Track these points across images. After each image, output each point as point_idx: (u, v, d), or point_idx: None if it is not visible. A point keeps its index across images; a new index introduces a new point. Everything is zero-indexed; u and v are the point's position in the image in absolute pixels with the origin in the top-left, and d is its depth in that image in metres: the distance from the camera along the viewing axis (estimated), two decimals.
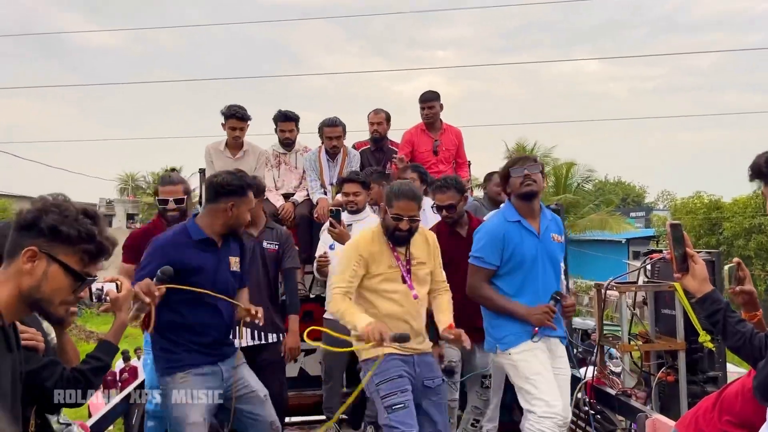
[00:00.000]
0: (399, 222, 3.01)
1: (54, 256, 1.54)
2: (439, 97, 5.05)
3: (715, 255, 3.80)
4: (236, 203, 2.89)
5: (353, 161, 4.86)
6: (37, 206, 1.56)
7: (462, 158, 5.17)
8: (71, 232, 1.55)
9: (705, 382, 3.74)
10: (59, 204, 1.57)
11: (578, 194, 24.06)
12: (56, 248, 1.54)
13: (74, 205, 1.60)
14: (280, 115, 4.98)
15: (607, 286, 3.79)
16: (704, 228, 22.13)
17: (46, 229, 1.53)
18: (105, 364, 1.98)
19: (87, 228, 1.57)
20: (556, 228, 3.31)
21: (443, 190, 3.64)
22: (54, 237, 1.54)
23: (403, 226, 3.01)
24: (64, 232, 1.54)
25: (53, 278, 1.53)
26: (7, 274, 1.53)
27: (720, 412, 2.18)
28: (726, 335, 1.98)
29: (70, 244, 1.55)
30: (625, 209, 32.87)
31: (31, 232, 1.53)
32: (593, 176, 25.26)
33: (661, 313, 3.97)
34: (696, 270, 2.03)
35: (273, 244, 3.71)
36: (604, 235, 24.39)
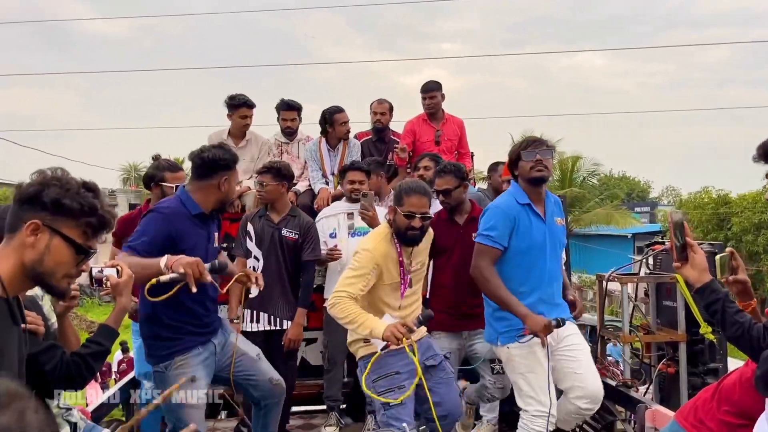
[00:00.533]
0: (411, 220, 2.95)
1: (57, 229, 1.54)
2: (441, 87, 5.06)
3: (717, 247, 3.82)
4: (228, 178, 2.86)
5: (354, 151, 4.87)
6: (39, 180, 1.56)
7: (464, 148, 5.17)
8: (74, 206, 1.55)
9: (705, 373, 3.78)
10: (60, 177, 1.57)
11: (584, 188, 24.03)
12: (59, 221, 1.55)
13: (75, 179, 1.60)
14: (283, 104, 4.99)
15: (608, 277, 3.81)
16: (712, 223, 22.00)
17: (48, 202, 1.53)
18: (105, 348, 2.00)
19: (89, 201, 1.58)
20: (558, 211, 3.30)
21: (441, 175, 3.63)
22: (57, 210, 1.54)
23: (416, 224, 2.95)
24: (66, 206, 1.54)
25: (56, 251, 1.54)
26: (9, 248, 1.53)
27: (719, 401, 2.20)
28: (724, 325, 1.99)
29: (72, 218, 1.56)
30: (630, 204, 32.80)
31: (33, 206, 1.54)
32: (598, 170, 25.20)
33: (663, 305, 4.00)
34: (695, 260, 2.04)
35: (293, 233, 3.75)
36: (609, 230, 24.35)
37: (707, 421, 2.21)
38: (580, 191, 23.58)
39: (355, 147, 4.92)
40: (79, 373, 1.91)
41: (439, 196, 3.68)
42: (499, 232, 3.00)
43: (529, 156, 3.03)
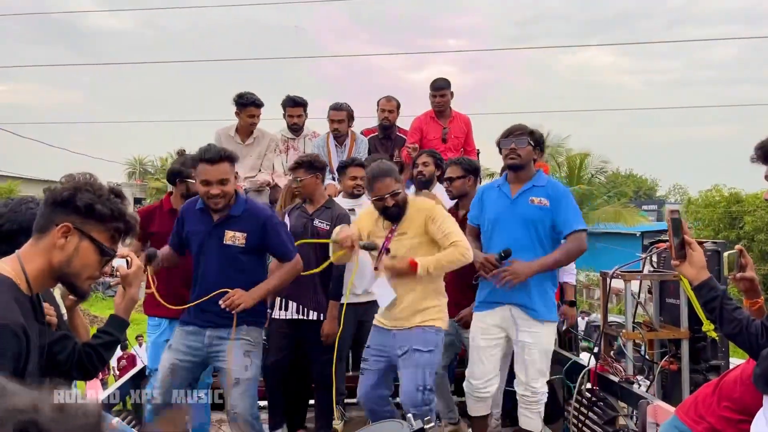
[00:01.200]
0: (383, 201, 3.22)
1: (87, 233, 1.62)
2: (450, 84, 5.13)
3: (720, 245, 3.88)
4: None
5: (361, 147, 4.95)
6: (71, 184, 1.64)
7: (470, 146, 5.24)
8: (105, 211, 1.63)
9: (707, 370, 3.83)
10: (92, 183, 1.66)
11: (591, 185, 23.99)
12: (89, 225, 1.63)
13: (104, 185, 1.69)
14: (289, 100, 5.07)
15: (612, 274, 3.88)
16: (724, 222, 21.82)
17: (82, 206, 1.61)
18: (116, 338, 2.06)
19: (118, 207, 1.67)
20: (543, 193, 3.37)
21: (452, 164, 4.00)
22: (88, 214, 1.62)
23: (389, 203, 3.22)
24: (98, 210, 1.62)
25: (84, 254, 1.63)
26: (38, 248, 1.61)
27: (719, 398, 2.25)
28: (722, 322, 2.03)
29: (102, 222, 1.64)
30: (637, 202, 32.75)
31: (65, 209, 1.61)
32: (606, 168, 25.13)
33: (666, 303, 4.06)
34: (693, 257, 2.08)
35: (325, 224, 3.81)
36: (617, 228, 24.31)
37: (707, 416, 2.26)
38: (588, 188, 23.53)
39: (363, 143, 5.00)
40: (90, 362, 1.96)
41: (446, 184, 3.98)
42: (472, 212, 3.59)
43: (504, 144, 3.39)
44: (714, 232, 21.04)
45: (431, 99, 5.13)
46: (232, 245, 3.18)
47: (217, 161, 3.08)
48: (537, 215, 3.34)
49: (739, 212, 21.61)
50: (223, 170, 3.10)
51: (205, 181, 3.10)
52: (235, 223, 3.20)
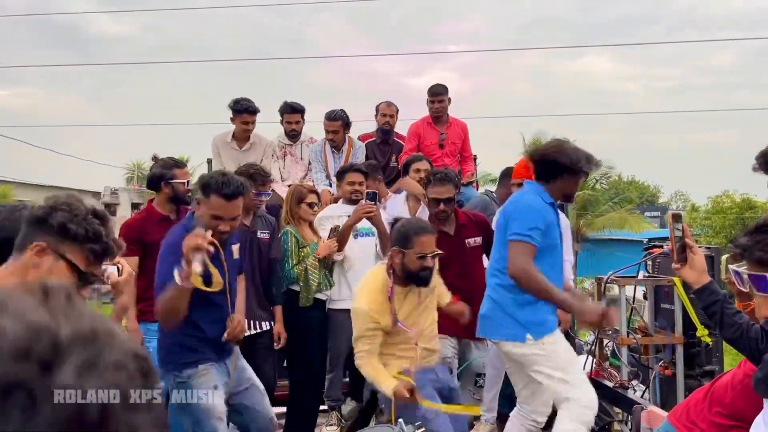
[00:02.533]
0: (424, 260, 2.94)
1: (61, 253, 1.61)
2: (448, 90, 5.22)
3: (714, 250, 3.97)
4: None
5: (359, 153, 5.04)
6: (49, 203, 1.64)
7: (467, 152, 5.33)
8: (79, 231, 1.62)
9: (702, 376, 3.91)
10: (70, 203, 1.65)
11: (596, 191, 24.02)
12: (64, 245, 1.62)
13: (84, 205, 1.67)
14: (286, 106, 5.16)
15: (607, 279, 3.98)
16: (737, 228, 21.63)
17: (55, 225, 1.60)
18: None
19: (94, 228, 1.65)
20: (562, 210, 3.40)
21: (443, 183, 3.61)
22: (62, 234, 1.61)
23: (429, 264, 2.96)
24: (72, 230, 1.61)
25: (60, 275, 1.61)
26: (15, 266, 1.63)
27: (710, 403, 2.27)
28: (723, 326, 2.06)
29: (77, 242, 1.63)
30: (640, 208, 32.78)
31: (41, 228, 1.62)
32: (611, 173, 25.16)
33: (661, 308, 4.14)
34: (694, 261, 2.11)
35: (266, 233, 3.88)
36: (623, 234, 24.32)
37: (699, 422, 2.28)
38: (592, 194, 23.54)
39: (360, 149, 5.09)
40: None
41: (438, 205, 3.65)
42: (535, 231, 2.94)
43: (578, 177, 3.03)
44: (726, 238, 20.77)
45: (429, 105, 5.21)
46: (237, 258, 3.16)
47: (235, 197, 2.86)
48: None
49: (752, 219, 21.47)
50: (238, 206, 2.91)
51: (217, 217, 2.85)
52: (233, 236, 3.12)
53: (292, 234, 3.95)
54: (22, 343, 0.44)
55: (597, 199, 23.83)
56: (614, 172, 25.88)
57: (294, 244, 3.93)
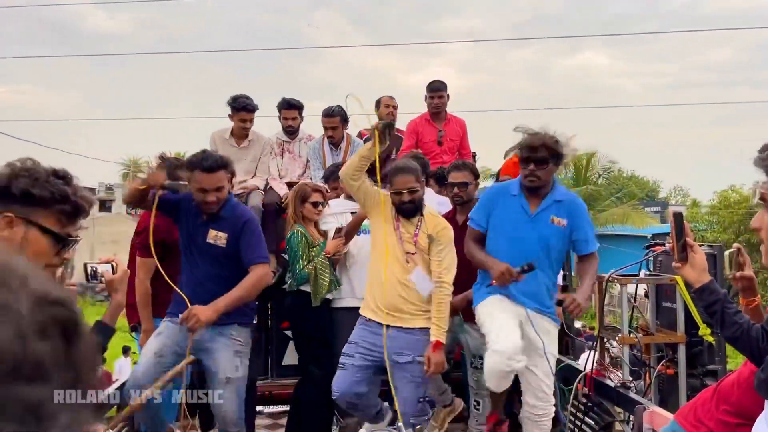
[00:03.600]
0: (400, 196, 3.39)
1: (31, 220, 1.58)
2: (447, 87, 5.24)
3: (716, 249, 3.98)
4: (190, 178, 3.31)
5: (357, 149, 5.04)
6: (7, 172, 1.59)
7: (466, 149, 5.34)
8: (44, 194, 1.58)
9: (704, 375, 3.92)
10: (28, 168, 1.60)
11: (599, 186, 24.00)
12: (32, 212, 1.58)
13: (44, 168, 1.63)
14: (284, 102, 5.16)
15: (608, 278, 3.99)
16: (745, 224, 21.20)
17: (18, 193, 1.56)
18: (101, 346, 2.08)
19: (59, 188, 1.62)
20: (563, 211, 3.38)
21: (459, 169, 3.97)
22: (27, 201, 1.57)
23: (405, 198, 3.39)
24: (37, 195, 1.58)
25: (33, 242, 1.58)
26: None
27: (717, 401, 2.29)
28: (723, 326, 2.05)
29: (45, 207, 1.59)
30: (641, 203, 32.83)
31: (4, 199, 1.57)
32: (613, 167, 25.12)
33: (662, 306, 4.16)
34: (695, 260, 2.10)
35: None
36: (626, 230, 24.30)
37: (706, 420, 2.29)
38: (595, 188, 23.53)
39: (359, 146, 5.08)
40: None
41: (453, 189, 3.93)
42: (477, 214, 3.50)
43: (524, 164, 3.33)
44: (734, 235, 20.38)
45: (428, 101, 5.23)
46: (213, 244, 3.33)
47: (214, 170, 3.23)
48: (555, 236, 3.37)
49: None
50: (219, 178, 3.25)
51: (202, 189, 3.24)
52: (220, 223, 3.33)
53: (301, 233, 3.97)
54: None
55: (599, 194, 23.81)
56: (616, 167, 25.86)
57: (304, 244, 3.94)
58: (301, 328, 4.10)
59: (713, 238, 21.46)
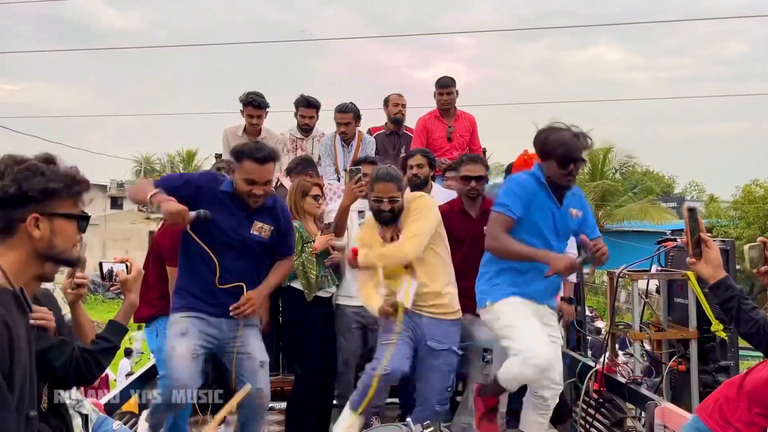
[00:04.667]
0: (380, 204, 3.40)
1: (55, 213, 1.66)
2: (456, 83, 5.28)
3: (729, 243, 4.00)
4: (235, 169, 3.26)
5: (368, 147, 5.12)
6: (11, 177, 1.62)
7: (476, 145, 5.39)
8: (58, 186, 1.66)
9: (717, 371, 3.94)
10: (28, 166, 1.65)
11: (616, 181, 23.84)
12: (52, 205, 1.66)
13: (35, 161, 1.67)
14: (303, 100, 5.23)
15: (619, 273, 4.03)
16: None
17: (36, 193, 1.62)
18: (114, 345, 2.14)
19: (65, 174, 1.70)
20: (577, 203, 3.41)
21: (475, 161, 3.91)
22: (46, 196, 1.64)
23: (384, 207, 3.40)
24: (52, 189, 1.65)
25: (61, 230, 1.67)
26: (8, 245, 1.62)
27: (749, 402, 2.24)
28: (739, 322, 2.08)
29: (60, 196, 1.67)
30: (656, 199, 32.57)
31: (20, 203, 1.62)
32: (631, 162, 24.87)
33: (674, 302, 4.18)
34: (710, 255, 2.13)
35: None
36: (644, 226, 24.14)
37: (734, 421, 2.26)
38: (613, 184, 23.39)
39: (370, 144, 5.16)
40: (88, 369, 2.02)
41: (470, 183, 3.85)
42: (514, 203, 3.17)
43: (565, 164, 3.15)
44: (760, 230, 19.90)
45: (437, 97, 5.27)
46: (258, 236, 3.28)
47: (267, 161, 3.16)
48: (574, 229, 3.41)
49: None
50: (270, 170, 3.23)
51: (251, 180, 3.15)
52: (264, 216, 3.30)
53: (296, 230, 3.95)
54: None
55: (616, 189, 23.67)
56: (633, 161, 25.58)
57: (299, 240, 3.95)
58: (289, 324, 4.12)
59: (737, 234, 21.22)
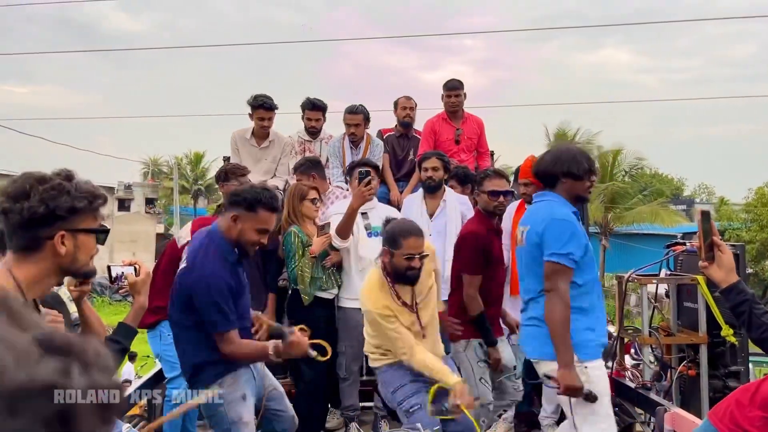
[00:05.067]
0: (411, 261, 3.14)
1: (78, 229, 1.75)
2: (463, 85, 5.30)
3: (739, 247, 3.99)
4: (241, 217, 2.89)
5: (376, 150, 5.13)
6: (38, 198, 1.68)
7: (483, 147, 5.40)
8: (83, 204, 1.74)
9: (727, 376, 3.93)
10: (54, 186, 1.71)
11: (625, 184, 23.74)
12: (75, 221, 1.74)
13: (57, 179, 1.73)
14: (308, 103, 5.26)
15: (628, 277, 4.03)
16: None
17: (63, 212, 1.70)
18: (124, 347, 2.19)
19: (87, 191, 1.77)
20: None
21: (501, 176, 3.74)
22: (71, 214, 1.72)
23: (416, 264, 3.15)
24: (77, 207, 1.73)
25: (84, 245, 1.77)
26: (32, 261, 1.71)
27: (762, 408, 2.22)
28: (750, 327, 2.08)
29: (83, 213, 1.75)
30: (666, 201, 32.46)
31: (47, 222, 1.70)
32: (641, 164, 24.73)
33: (684, 306, 4.18)
34: (722, 259, 2.13)
35: None
36: (654, 229, 24.02)
37: (747, 426, 2.23)
38: (622, 186, 23.30)
39: (378, 146, 5.18)
40: None
41: (498, 198, 3.64)
42: (579, 251, 2.82)
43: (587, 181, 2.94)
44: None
45: (444, 99, 5.29)
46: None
47: (279, 210, 3.02)
48: None
49: None
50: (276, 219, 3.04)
51: (263, 230, 2.91)
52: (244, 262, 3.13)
53: (295, 233, 4.02)
54: None
55: (626, 191, 23.57)
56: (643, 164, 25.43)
57: (298, 244, 3.99)
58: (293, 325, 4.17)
59: (749, 237, 21.07)
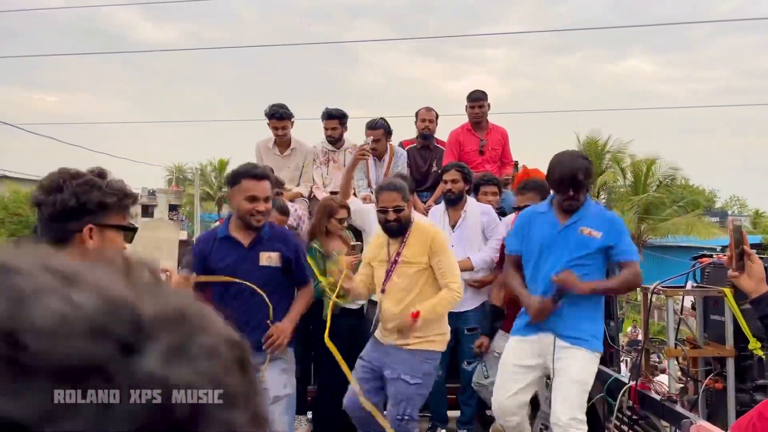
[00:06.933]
0: (385, 214, 3.52)
1: (107, 224, 1.82)
2: (487, 96, 5.43)
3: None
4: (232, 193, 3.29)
5: (400, 161, 5.28)
6: (71, 191, 1.76)
7: (507, 158, 5.53)
8: (113, 200, 1.81)
9: (755, 390, 3.95)
10: (86, 181, 1.79)
11: (661, 194, 23.45)
12: (105, 217, 1.81)
13: (91, 176, 1.81)
14: (324, 113, 5.43)
15: (653, 289, 4.08)
16: None
17: (93, 206, 1.77)
18: None
19: (117, 189, 1.84)
20: (599, 224, 3.46)
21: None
22: (101, 209, 1.79)
23: (390, 217, 3.51)
24: (107, 203, 1.80)
25: (111, 241, 1.82)
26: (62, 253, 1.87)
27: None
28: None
29: (113, 209, 1.83)
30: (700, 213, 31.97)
31: (78, 215, 1.77)
32: (675, 175, 24.35)
33: (710, 319, 4.22)
34: (753, 269, 2.14)
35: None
36: (690, 241, 23.68)
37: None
38: (657, 196, 23.04)
39: (402, 157, 5.32)
40: None
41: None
42: (513, 240, 3.66)
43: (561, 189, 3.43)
44: None
45: (468, 110, 5.42)
46: (270, 266, 3.34)
47: (264, 178, 3.25)
48: (587, 246, 3.45)
49: None
50: (267, 187, 3.27)
51: (253, 197, 3.20)
52: (267, 244, 3.35)
53: (317, 249, 4.22)
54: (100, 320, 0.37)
55: (661, 202, 23.29)
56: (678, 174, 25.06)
57: (319, 259, 4.15)
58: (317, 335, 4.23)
59: None
